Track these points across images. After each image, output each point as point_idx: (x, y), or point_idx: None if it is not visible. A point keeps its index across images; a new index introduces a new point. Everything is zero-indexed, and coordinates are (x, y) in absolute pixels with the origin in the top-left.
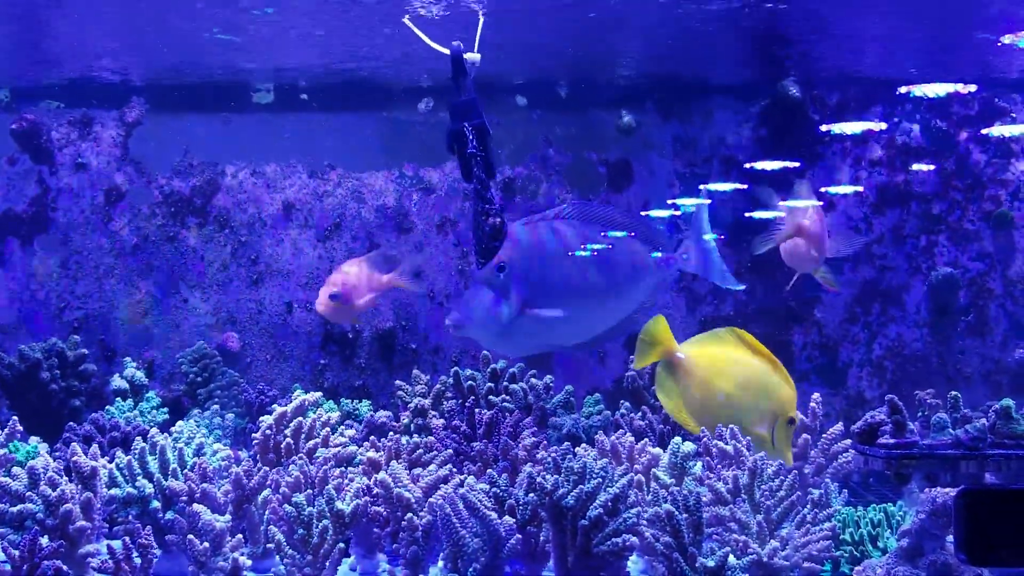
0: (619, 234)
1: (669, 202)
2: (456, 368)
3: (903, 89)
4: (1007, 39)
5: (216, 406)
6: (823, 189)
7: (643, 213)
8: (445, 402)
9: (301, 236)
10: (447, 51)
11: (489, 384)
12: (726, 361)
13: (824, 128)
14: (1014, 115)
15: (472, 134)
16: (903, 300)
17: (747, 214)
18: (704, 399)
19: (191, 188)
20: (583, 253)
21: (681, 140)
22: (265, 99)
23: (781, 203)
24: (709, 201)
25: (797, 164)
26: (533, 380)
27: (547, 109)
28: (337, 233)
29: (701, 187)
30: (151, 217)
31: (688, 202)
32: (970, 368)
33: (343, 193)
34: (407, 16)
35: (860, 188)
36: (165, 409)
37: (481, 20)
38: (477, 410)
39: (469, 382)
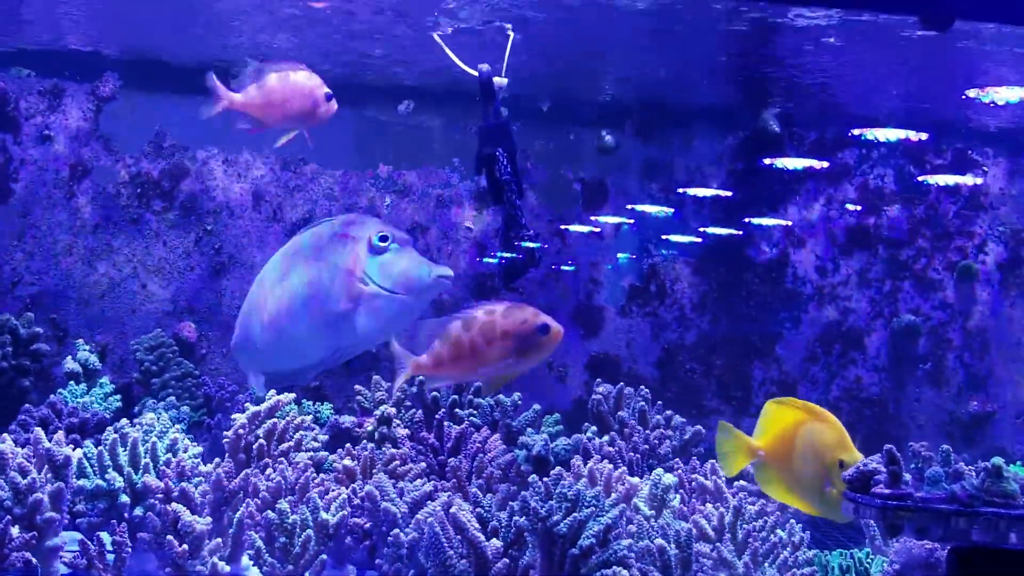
0: None
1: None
2: (420, 377)
3: (856, 131)
4: (972, 93)
5: (172, 397)
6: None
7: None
8: (404, 411)
9: (268, 229)
10: (475, 72)
11: (454, 396)
12: (782, 437)
13: (790, 164)
14: (986, 168)
15: (505, 159)
16: (864, 343)
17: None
18: (786, 479)
19: (159, 171)
20: None
21: (658, 164)
22: None
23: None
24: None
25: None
26: (500, 396)
27: (527, 123)
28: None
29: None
30: (116, 197)
31: None
32: (924, 417)
33: (315, 189)
34: (437, 33)
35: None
36: (118, 396)
37: (510, 40)
38: (446, 423)
39: (433, 393)
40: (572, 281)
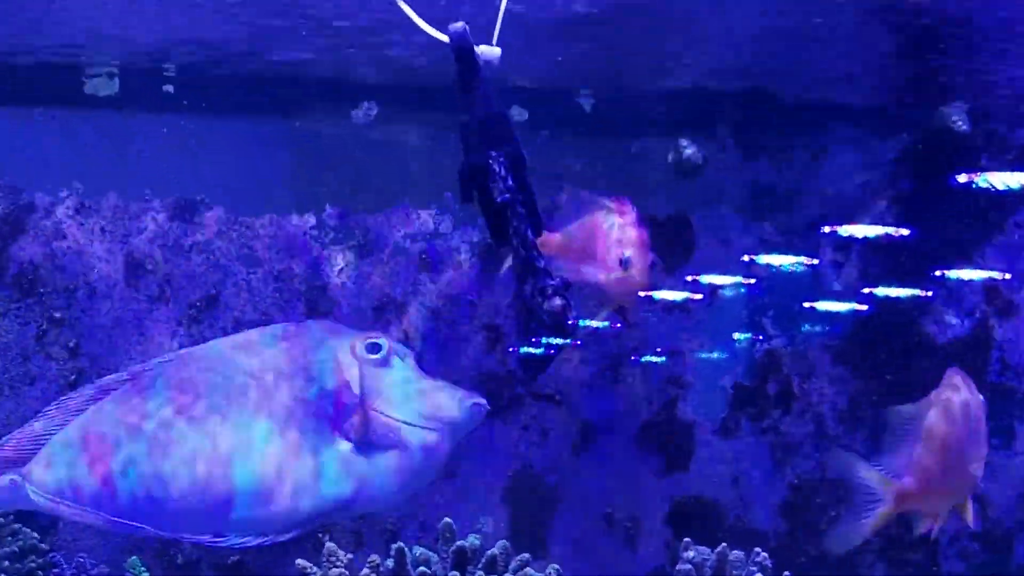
0: None
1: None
2: (400, 545)
3: None
4: None
5: None
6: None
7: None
8: None
9: (152, 314)
10: (445, 37)
11: (453, 573)
12: None
13: (991, 182)
14: None
15: (504, 168)
16: None
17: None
18: None
19: None
20: None
21: (773, 190)
22: (105, 89)
23: None
24: None
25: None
26: (528, 571)
27: (561, 130)
28: (211, 311)
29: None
30: None
31: None
32: None
33: (225, 248)
34: None
35: None
36: None
37: None
38: None
39: (421, 568)
40: (640, 381)
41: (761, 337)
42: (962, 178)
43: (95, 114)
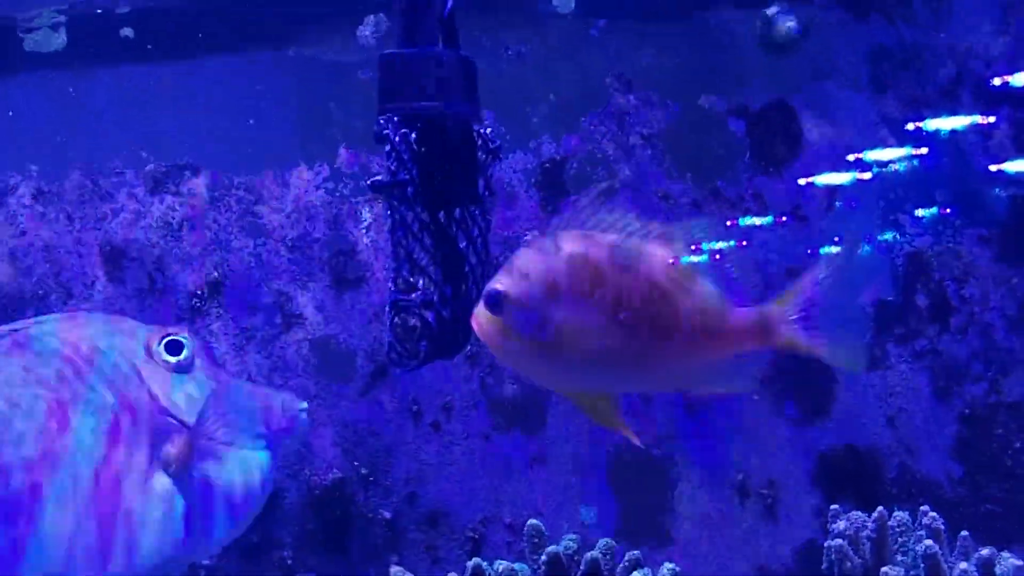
0: None
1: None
2: (477, 561)
3: None
4: None
5: None
6: None
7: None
8: None
9: (143, 311)
10: None
11: None
12: None
13: None
14: None
15: (400, 136)
16: None
17: None
18: None
19: None
20: None
21: (892, 54)
22: (50, 44)
23: None
24: None
25: None
26: (637, 574)
27: (619, 15)
28: (215, 299)
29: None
30: None
31: None
32: None
33: (222, 220)
34: None
35: None
36: None
37: None
38: None
39: None
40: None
41: (900, 238)
42: None
43: (42, 75)
